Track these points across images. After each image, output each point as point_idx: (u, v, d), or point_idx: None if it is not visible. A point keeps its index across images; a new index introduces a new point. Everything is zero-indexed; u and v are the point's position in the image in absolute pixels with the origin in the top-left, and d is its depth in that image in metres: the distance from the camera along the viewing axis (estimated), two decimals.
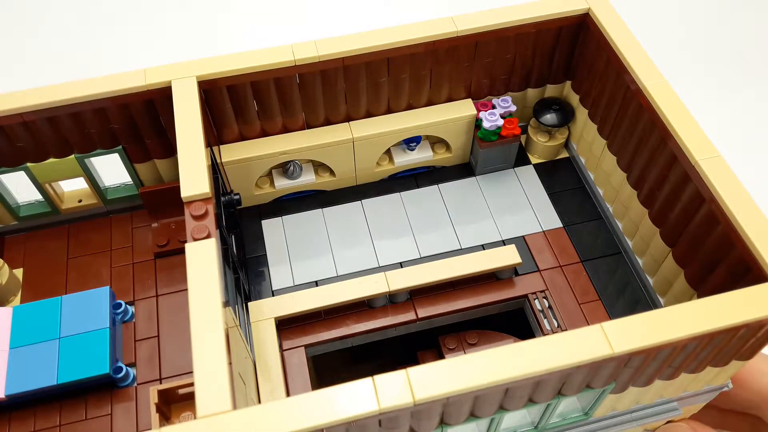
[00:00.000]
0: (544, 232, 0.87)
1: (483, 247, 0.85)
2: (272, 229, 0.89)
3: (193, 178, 0.66)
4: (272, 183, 0.90)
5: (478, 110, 0.87)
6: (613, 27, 0.79)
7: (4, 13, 1.77)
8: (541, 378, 0.54)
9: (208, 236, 0.62)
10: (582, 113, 0.90)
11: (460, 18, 0.80)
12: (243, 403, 0.60)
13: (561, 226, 0.87)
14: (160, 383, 0.74)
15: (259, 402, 0.70)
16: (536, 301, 0.80)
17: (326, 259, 0.86)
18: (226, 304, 0.60)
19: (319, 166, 0.90)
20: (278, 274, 0.85)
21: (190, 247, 0.61)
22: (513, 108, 0.87)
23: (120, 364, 0.74)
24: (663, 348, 0.56)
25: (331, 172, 0.90)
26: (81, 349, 0.72)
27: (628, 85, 0.77)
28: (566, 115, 0.90)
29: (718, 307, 0.56)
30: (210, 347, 0.54)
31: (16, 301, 0.81)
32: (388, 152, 0.91)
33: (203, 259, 0.60)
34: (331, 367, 1.01)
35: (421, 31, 0.78)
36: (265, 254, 0.87)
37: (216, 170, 0.77)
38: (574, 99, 0.91)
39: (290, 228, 0.89)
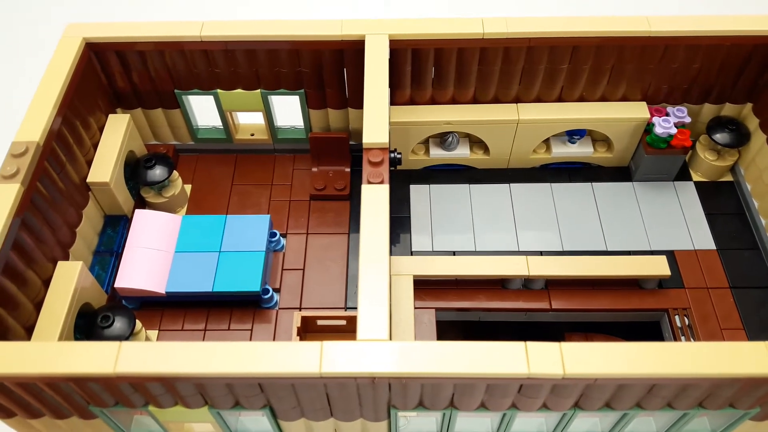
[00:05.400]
0: (695, 250, 0.84)
1: (629, 253, 0.84)
2: (419, 194, 0.92)
3: (376, 128, 0.69)
4: (427, 151, 0.93)
5: (652, 115, 0.85)
6: None
7: None
8: (692, 382, 0.53)
9: (383, 182, 0.66)
10: (759, 138, 0.86)
11: (654, 18, 0.79)
12: None
13: (714, 248, 0.84)
14: (300, 311, 0.78)
15: None
16: (677, 317, 0.78)
17: (467, 234, 0.88)
18: None
19: (475, 143, 0.92)
20: (419, 236, 0.87)
21: (366, 189, 0.65)
22: (687, 119, 0.85)
23: (268, 286, 0.79)
24: None
25: (486, 151, 0.92)
26: (237, 265, 0.78)
27: None
28: (741, 138, 0.87)
29: None
30: (376, 279, 0.57)
31: (182, 212, 0.89)
32: (547, 141, 0.91)
33: (376, 201, 0.64)
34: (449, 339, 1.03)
35: (614, 25, 0.78)
36: (409, 216, 0.90)
37: None
38: (753, 122, 0.87)
39: (436, 197, 0.92)
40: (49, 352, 0.55)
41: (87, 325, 0.73)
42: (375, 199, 0.64)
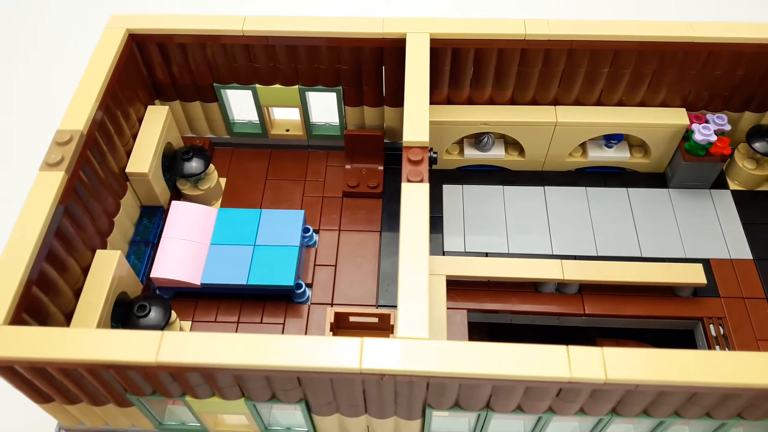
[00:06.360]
0: (731, 260, 0.83)
1: (664, 260, 0.83)
2: (452, 194, 0.92)
3: (416, 127, 0.69)
4: (461, 151, 0.92)
5: (691, 122, 0.84)
6: None
7: None
8: (735, 392, 0.53)
9: (422, 181, 0.66)
10: None
11: (698, 24, 0.78)
12: None
13: (751, 258, 0.83)
14: (332, 307, 0.79)
15: None
16: (711, 326, 0.78)
17: (500, 235, 0.87)
18: None
19: (510, 144, 0.92)
20: (451, 237, 0.87)
21: (406, 187, 0.65)
22: (727, 127, 0.84)
23: (300, 281, 0.79)
24: None
25: (521, 152, 0.91)
26: (271, 259, 0.79)
27: None
28: None
29: None
30: (416, 277, 0.57)
31: (217, 205, 0.90)
32: (583, 144, 0.91)
33: (416, 200, 0.64)
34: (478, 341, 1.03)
35: (657, 30, 0.77)
36: (442, 216, 0.90)
37: None
38: None
39: (469, 197, 0.92)
40: (91, 339, 0.56)
41: (123, 313, 0.73)
42: (414, 197, 0.64)
